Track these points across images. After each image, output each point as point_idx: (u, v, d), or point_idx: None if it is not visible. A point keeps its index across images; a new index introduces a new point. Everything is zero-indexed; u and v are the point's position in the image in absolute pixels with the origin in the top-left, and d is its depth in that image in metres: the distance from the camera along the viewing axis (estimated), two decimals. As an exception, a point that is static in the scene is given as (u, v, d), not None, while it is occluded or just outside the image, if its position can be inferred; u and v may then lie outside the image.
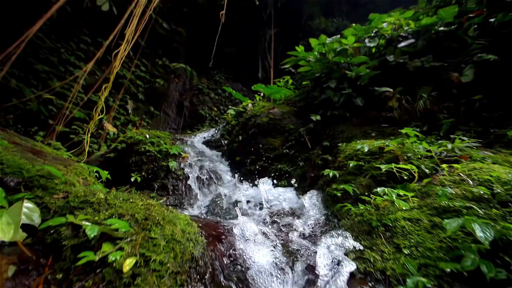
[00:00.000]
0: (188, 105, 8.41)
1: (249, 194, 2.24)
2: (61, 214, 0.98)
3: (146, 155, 2.87)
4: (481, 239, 0.81)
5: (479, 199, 1.07)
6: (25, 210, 0.97)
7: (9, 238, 0.83)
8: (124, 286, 0.76)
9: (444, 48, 2.85)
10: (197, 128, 7.30)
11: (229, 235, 1.16)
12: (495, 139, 2.06)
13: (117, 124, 6.64)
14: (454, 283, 0.80)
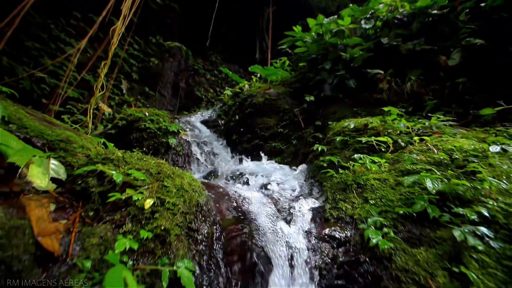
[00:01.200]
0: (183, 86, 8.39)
1: (244, 168, 2.45)
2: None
3: (147, 131, 3.03)
4: (429, 188, 1.04)
5: (439, 164, 1.29)
6: (52, 166, 1.15)
7: (45, 184, 1.02)
8: (146, 219, 0.97)
9: (437, 31, 2.97)
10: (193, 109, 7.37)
11: (226, 193, 1.38)
12: (473, 119, 2.27)
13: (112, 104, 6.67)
14: (405, 222, 1.03)
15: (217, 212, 1.22)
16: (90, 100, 2.63)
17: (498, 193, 1.10)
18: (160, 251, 0.94)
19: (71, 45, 5.44)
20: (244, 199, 1.40)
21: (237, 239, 1.07)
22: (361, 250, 0.96)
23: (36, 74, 4.79)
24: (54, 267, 0.78)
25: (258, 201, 1.38)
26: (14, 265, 0.73)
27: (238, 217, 1.22)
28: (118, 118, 3.25)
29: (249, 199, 1.39)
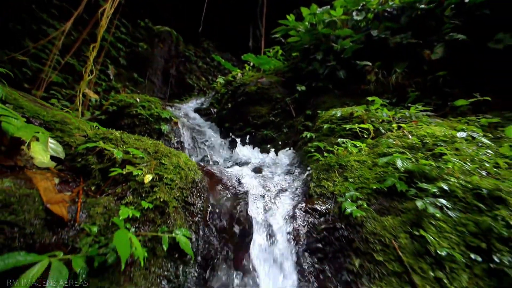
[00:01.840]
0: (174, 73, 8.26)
1: (237, 154, 2.56)
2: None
3: (138, 118, 3.05)
4: (399, 167, 1.19)
5: (412, 147, 1.44)
6: (51, 145, 1.22)
7: (47, 161, 1.09)
8: (146, 193, 1.07)
9: (424, 25, 3.10)
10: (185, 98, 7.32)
11: (219, 174, 1.49)
12: (450, 110, 2.46)
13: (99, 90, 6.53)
14: (377, 196, 1.18)
15: (211, 190, 1.33)
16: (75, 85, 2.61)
17: (460, 172, 1.27)
18: (160, 220, 1.05)
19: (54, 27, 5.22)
20: (237, 179, 1.51)
21: (230, 211, 1.19)
22: (338, 219, 1.10)
23: (17, 57, 4.60)
24: (63, 231, 0.87)
25: (250, 181, 1.50)
26: (26, 227, 0.81)
27: (230, 194, 1.34)
28: (107, 103, 3.24)
29: (241, 180, 1.51)
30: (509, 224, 1.02)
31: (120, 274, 0.86)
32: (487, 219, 1.02)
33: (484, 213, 1.06)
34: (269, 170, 1.89)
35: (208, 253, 1.05)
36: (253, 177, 1.57)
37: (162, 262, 0.96)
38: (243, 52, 6.12)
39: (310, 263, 1.00)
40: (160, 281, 0.91)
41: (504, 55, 2.80)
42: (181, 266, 0.98)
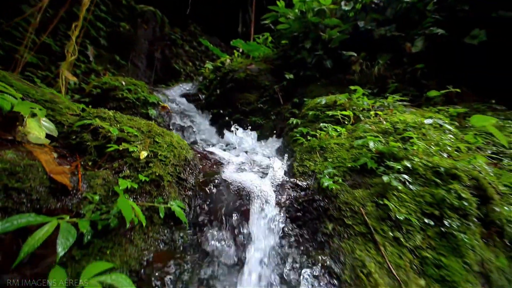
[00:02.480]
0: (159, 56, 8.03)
1: (226, 138, 2.67)
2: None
3: (124, 101, 3.05)
4: (372, 148, 1.36)
5: (385, 132, 1.63)
6: (43, 123, 1.27)
7: (43, 136, 1.15)
8: (141, 168, 1.17)
9: (408, 19, 3.28)
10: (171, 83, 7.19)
11: (210, 155, 1.60)
12: (425, 101, 2.70)
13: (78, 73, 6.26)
14: (351, 173, 1.36)
15: (202, 168, 1.45)
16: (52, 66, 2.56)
17: (424, 153, 1.47)
18: (156, 192, 1.16)
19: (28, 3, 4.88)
20: (226, 160, 1.63)
21: (220, 187, 1.32)
22: (316, 192, 1.27)
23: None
24: (66, 198, 0.96)
25: (239, 161, 1.63)
26: (33, 194, 0.90)
27: (221, 174, 1.46)
28: (91, 86, 3.19)
29: (231, 160, 1.63)
30: (460, 196, 1.23)
31: (122, 237, 0.98)
32: (441, 192, 1.23)
33: (440, 186, 1.27)
34: (257, 153, 2.03)
35: (201, 221, 1.18)
36: (242, 157, 1.70)
37: (159, 229, 1.09)
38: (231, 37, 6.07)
39: (291, 228, 1.16)
40: (158, 243, 1.04)
41: (478, 50, 3.06)
42: (176, 232, 1.11)
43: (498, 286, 1.11)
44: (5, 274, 0.79)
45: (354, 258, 0.97)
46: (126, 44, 7.26)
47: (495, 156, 2.03)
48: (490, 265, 1.12)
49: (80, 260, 0.88)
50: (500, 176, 1.68)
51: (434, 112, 2.18)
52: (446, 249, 1.07)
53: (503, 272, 1.17)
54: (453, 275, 0.98)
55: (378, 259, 0.98)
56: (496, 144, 2.13)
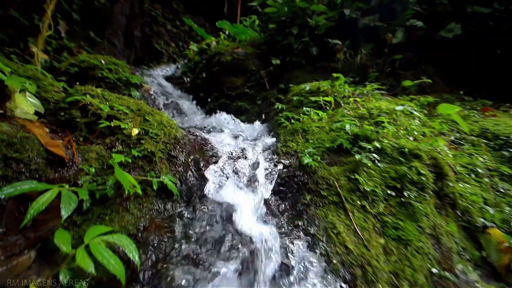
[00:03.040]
0: (139, 35, 7.66)
1: (212, 121, 2.76)
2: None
3: (105, 81, 2.99)
4: (348, 130, 1.54)
5: (361, 117, 1.82)
6: (29, 99, 1.29)
7: (33, 111, 1.19)
8: (133, 144, 1.25)
9: (391, 9, 3.46)
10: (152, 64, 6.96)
11: (198, 135, 1.70)
12: (401, 90, 2.95)
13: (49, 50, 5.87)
14: (329, 153, 1.54)
15: (191, 147, 1.56)
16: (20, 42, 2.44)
17: (392, 136, 1.68)
18: (148, 167, 1.26)
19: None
20: (215, 140, 1.75)
21: (209, 164, 1.44)
22: (298, 169, 1.44)
23: None
24: (63, 170, 1.04)
25: (227, 142, 1.75)
26: (31, 164, 0.96)
27: (210, 151, 1.58)
28: (67, 63, 3.08)
29: (220, 140, 1.75)
30: (419, 172, 1.46)
31: (119, 206, 1.08)
32: (404, 168, 1.45)
33: (403, 164, 1.48)
34: (244, 136, 2.16)
35: (190, 195, 1.30)
36: (230, 138, 1.82)
37: (153, 200, 1.20)
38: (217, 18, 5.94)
39: (275, 200, 1.33)
40: (152, 213, 1.16)
41: (453, 44, 3.33)
42: (169, 204, 1.23)
43: (446, 247, 1.36)
44: (10, 235, 0.87)
45: (326, 222, 1.16)
46: (101, 20, 6.84)
47: (458, 141, 2.33)
48: (440, 229, 1.38)
49: (81, 225, 0.98)
50: (458, 157, 1.96)
51: (407, 101, 2.41)
52: (404, 215, 1.30)
53: (452, 236, 1.43)
54: (407, 235, 1.21)
55: (347, 223, 1.18)
56: (460, 131, 2.42)
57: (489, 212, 1.63)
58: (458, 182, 1.69)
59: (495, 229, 1.51)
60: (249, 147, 1.77)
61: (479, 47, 3.37)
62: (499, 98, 3.30)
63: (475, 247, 1.47)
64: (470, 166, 1.89)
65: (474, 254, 1.43)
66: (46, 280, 0.78)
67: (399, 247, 1.14)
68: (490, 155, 2.25)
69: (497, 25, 3.39)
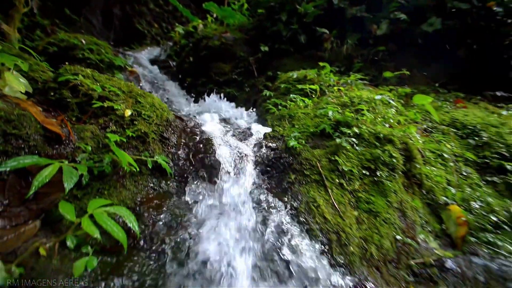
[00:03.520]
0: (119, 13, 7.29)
1: (200, 106, 2.81)
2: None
3: (86, 62, 2.92)
4: (330, 116, 1.69)
5: (344, 104, 1.98)
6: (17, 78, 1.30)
7: (23, 90, 1.22)
8: (127, 125, 1.32)
9: (377, 0, 3.60)
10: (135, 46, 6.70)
11: (188, 119, 1.78)
12: (382, 81, 3.15)
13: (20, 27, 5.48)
14: (313, 137, 1.69)
15: (182, 130, 1.64)
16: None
17: (371, 123, 1.86)
18: (142, 147, 1.33)
19: None
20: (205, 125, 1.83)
21: (200, 146, 1.54)
22: (284, 151, 1.58)
23: None
24: (61, 147, 1.10)
25: (217, 126, 1.84)
26: (30, 141, 1.02)
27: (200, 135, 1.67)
28: (45, 42, 2.95)
29: (209, 124, 1.84)
30: (391, 155, 1.65)
31: (116, 182, 1.17)
32: (378, 151, 1.63)
33: (378, 148, 1.67)
34: (233, 121, 2.25)
35: (183, 174, 1.41)
36: (219, 123, 1.91)
37: (147, 178, 1.29)
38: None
39: (262, 179, 1.46)
40: (147, 189, 1.25)
41: (432, 37, 3.56)
42: (163, 181, 1.33)
43: (411, 219, 1.58)
44: (14, 207, 0.94)
45: (308, 197, 1.32)
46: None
47: (429, 129, 2.58)
48: (406, 204, 1.59)
49: (82, 198, 1.06)
50: (427, 143, 2.19)
51: (387, 91, 2.61)
52: (376, 192, 1.49)
53: (417, 210, 1.66)
54: (377, 208, 1.40)
55: (326, 198, 1.34)
56: (432, 121, 2.67)
57: (451, 192, 1.89)
58: (425, 165, 1.92)
59: (455, 206, 1.75)
60: (238, 131, 1.87)
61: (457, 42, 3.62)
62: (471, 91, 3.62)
63: (437, 221, 1.72)
64: (438, 151, 2.13)
65: (435, 227, 1.67)
66: (54, 246, 0.87)
67: (370, 218, 1.33)
68: (458, 142, 2.52)
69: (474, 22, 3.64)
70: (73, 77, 1.31)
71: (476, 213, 1.82)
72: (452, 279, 1.20)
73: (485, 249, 1.63)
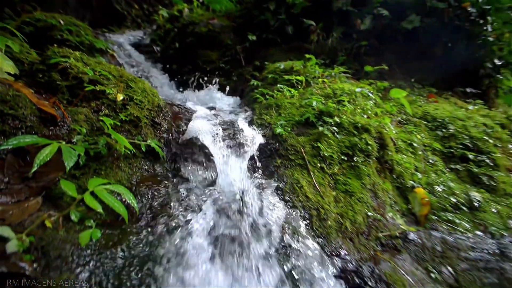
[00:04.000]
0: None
1: (188, 95, 2.86)
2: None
3: (66, 44, 2.82)
4: (314, 106, 1.85)
5: (327, 96, 2.14)
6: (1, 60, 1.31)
7: (13, 71, 1.23)
8: (119, 109, 1.38)
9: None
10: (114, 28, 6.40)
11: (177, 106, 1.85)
12: (363, 75, 3.37)
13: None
14: (298, 125, 1.84)
15: (173, 116, 1.71)
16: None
17: (351, 114, 2.04)
18: (135, 131, 1.40)
19: None
20: (193, 112, 1.91)
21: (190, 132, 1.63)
22: (271, 138, 1.72)
23: None
24: (56, 128, 1.15)
25: (205, 113, 1.93)
26: (27, 121, 1.06)
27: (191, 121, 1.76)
28: (19, 22, 2.80)
29: (198, 112, 1.92)
30: (367, 142, 1.84)
31: (112, 163, 1.24)
32: (356, 139, 1.82)
33: (356, 136, 1.86)
34: (221, 110, 2.34)
35: (175, 158, 1.50)
36: (207, 109, 2.00)
37: (141, 161, 1.37)
38: (189, -18, 5.61)
39: (250, 163, 1.59)
40: (142, 171, 1.34)
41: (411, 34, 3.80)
42: (156, 164, 1.41)
43: (381, 199, 1.80)
44: (14, 185, 1.00)
45: (293, 179, 1.48)
46: (46, -33, 5.96)
47: (403, 121, 2.84)
48: (378, 186, 1.81)
49: (80, 178, 1.13)
50: (400, 133, 2.43)
51: (367, 84, 2.81)
52: (352, 175, 1.68)
53: (387, 192, 1.88)
54: (353, 189, 1.60)
55: (309, 180, 1.51)
56: (406, 113, 2.93)
57: (418, 177, 2.14)
58: (397, 152, 2.15)
59: (420, 189, 2.01)
60: (227, 119, 1.98)
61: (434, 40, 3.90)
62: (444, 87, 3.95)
63: (404, 201, 1.97)
64: (409, 141, 2.38)
65: (402, 207, 1.92)
66: (58, 219, 0.95)
67: (346, 197, 1.52)
68: (427, 133, 2.81)
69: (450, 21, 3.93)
70: (65, 60, 1.33)
71: (439, 195, 2.09)
72: (413, 248, 1.43)
73: (444, 226, 1.91)
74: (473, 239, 1.76)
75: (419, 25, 3.72)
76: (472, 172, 2.48)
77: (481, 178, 2.45)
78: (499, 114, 3.66)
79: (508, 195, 2.54)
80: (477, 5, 3.93)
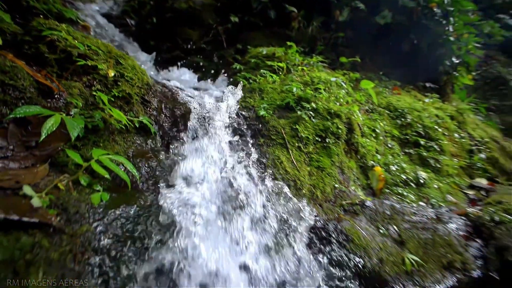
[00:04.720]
0: None
1: (169, 75, 2.90)
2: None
3: (32, 12, 2.64)
4: (294, 92, 2.08)
5: (305, 83, 2.39)
6: (-16, 25, 1.31)
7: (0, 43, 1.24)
8: (111, 85, 1.46)
9: (342, -14, 3.99)
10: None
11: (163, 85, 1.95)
12: (339, 65, 3.68)
13: None
14: (279, 109, 2.07)
15: (161, 94, 1.82)
16: None
17: (325, 100, 2.32)
18: (127, 108, 1.51)
19: None
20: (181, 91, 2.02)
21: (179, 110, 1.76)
22: (254, 120, 1.92)
23: None
24: (53, 101, 1.22)
25: (191, 94, 2.05)
26: (26, 92, 1.12)
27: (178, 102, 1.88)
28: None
29: (184, 92, 2.03)
30: (338, 126, 2.14)
31: (108, 136, 1.35)
32: (329, 123, 2.11)
33: (329, 120, 2.15)
34: (205, 91, 2.46)
35: (164, 135, 1.64)
36: (194, 91, 2.12)
37: (134, 136, 1.49)
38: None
39: (236, 141, 1.79)
40: (136, 146, 1.46)
41: (383, 29, 4.16)
42: (148, 140, 1.54)
43: (346, 175, 2.14)
44: (21, 152, 1.08)
45: (274, 155, 1.72)
46: None
47: (370, 110, 3.23)
48: (345, 164, 2.14)
49: (81, 148, 1.23)
50: (366, 120, 2.80)
51: (341, 75, 3.12)
52: (324, 154, 1.98)
53: (352, 170, 2.23)
54: (324, 165, 1.90)
55: (288, 156, 1.76)
56: (373, 103, 3.32)
57: (377, 158, 2.54)
58: (362, 137, 2.51)
59: (378, 167, 2.39)
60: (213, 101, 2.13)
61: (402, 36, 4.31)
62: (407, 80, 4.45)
63: (365, 178, 2.35)
64: (373, 127, 2.77)
65: (363, 182, 2.29)
66: (68, 183, 1.07)
67: (318, 172, 1.82)
68: (389, 122, 3.24)
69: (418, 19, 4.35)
70: (57, 33, 1.36)
71: (393, 173, 2.52)
72: (369, 212, 1.79)
73: (395, 197, 2.33)
74: (417, 207, 2.21)
75: (391, 21, 4.09)
76: (422, 156, 2.97)
77: (429, 161, 2.96)
78: (451, 107, 4.29)
79: (450, 175, 3.12)
80: (442, 6, 4.39)
